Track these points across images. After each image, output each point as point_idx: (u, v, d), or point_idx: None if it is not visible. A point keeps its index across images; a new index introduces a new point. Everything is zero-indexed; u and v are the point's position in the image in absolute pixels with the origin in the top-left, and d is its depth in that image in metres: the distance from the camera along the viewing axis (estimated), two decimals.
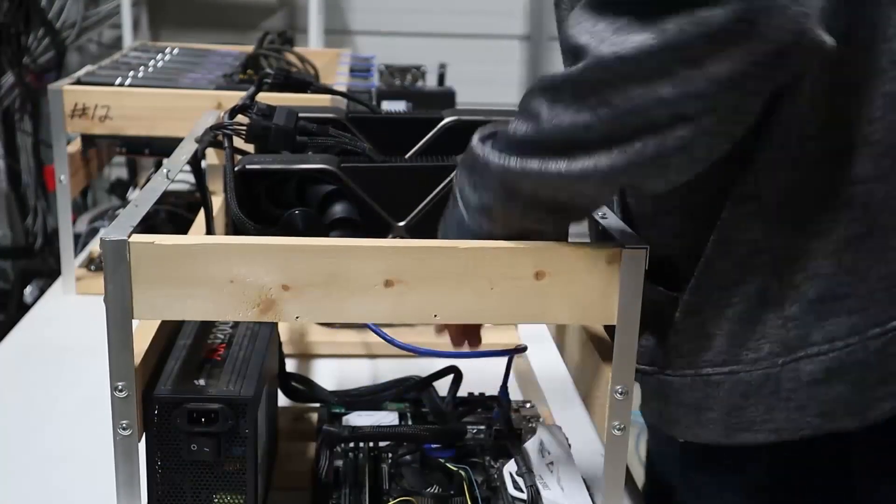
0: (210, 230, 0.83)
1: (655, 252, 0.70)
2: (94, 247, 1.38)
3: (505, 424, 0.82)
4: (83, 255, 1.34)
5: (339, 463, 0.79)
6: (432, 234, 0.69)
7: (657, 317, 0.78)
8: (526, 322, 0.77)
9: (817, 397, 0.73)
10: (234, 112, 0.80)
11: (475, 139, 0.67)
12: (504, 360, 0.87)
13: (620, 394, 0.68)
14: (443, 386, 0.87)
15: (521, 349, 0.87)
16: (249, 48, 1.53)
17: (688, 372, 0.78)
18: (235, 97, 1.08)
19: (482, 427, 0.85)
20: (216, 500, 0.67)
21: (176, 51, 1.45)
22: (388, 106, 1.72)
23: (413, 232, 0.73)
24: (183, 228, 0.93)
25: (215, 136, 0.77)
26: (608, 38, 0.58)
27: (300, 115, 0.81)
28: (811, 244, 0.72)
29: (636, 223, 0.77)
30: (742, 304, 0.74)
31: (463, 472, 0.77)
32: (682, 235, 0.76)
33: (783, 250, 0.72)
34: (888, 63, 0.69)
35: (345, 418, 0.86)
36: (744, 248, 0.73)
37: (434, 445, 0.80)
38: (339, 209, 0.72)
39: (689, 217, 0.75)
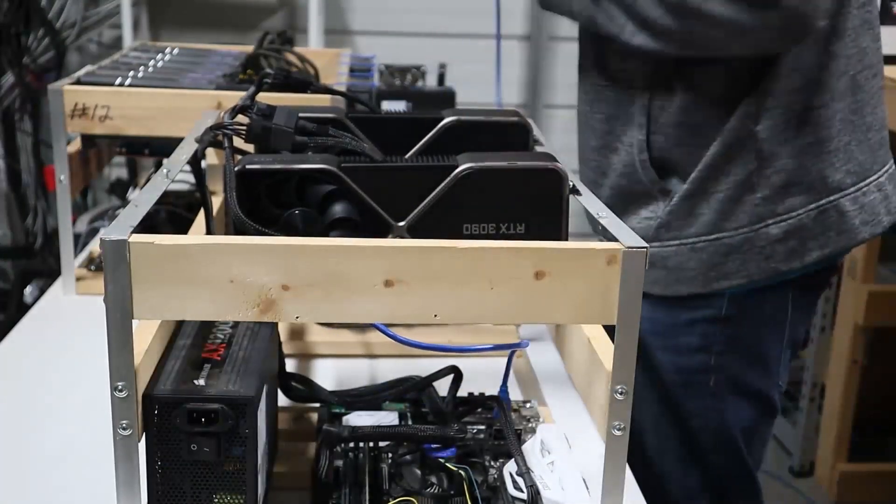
0: (210, 230, 0.83)
1: (664, 157, 1.12)
2: (94, 247, 1.37)
3: (505, 424, 0.82)
4: (83, 255, 1.34)
5: (339, 463, 0.79)
6: (432, 234, 0.69)
7: (647, 204, 1.15)
8: (526, 322, 0.77)
9: (779, 250, 1.10)
10: (234, 112, 0.80)
11: None
12: (504, 360, 0.87)
13: (620, 394, 0.68)
14: (443, 386, 0.87)
15: (522, 344, 0.87)
16: (249, 48, 1.53)
17: (673, 242, 1.12)
18: (235, 97, 1.08)
19: (482, 427, 0.85)
20: (216, 500, 0.67)
21: (176, 51, 1.45)
22: (388, 106, 1.71)
23: (413, 232, 0.73)
24: (183, 228, 0.93)
25: (215, 136, 0.77)
26: None
27: (300, 115, 0.81)
28: (780, 148, 1.08)
29: (662, 148, 1.12)
30: (729, 190, 1.09)
31: (463, 472, 0.77)
32: (699, 146, 1.10)
33: (761, 152, 1.08)
34: (857, 6, 1.07)
35: (345, 418, 0.86)
36: (738, 150, 1.08)
37: (434, 445, 0.80)
38: (339, 209, 0.72)
39: (705, 130, 1.09)
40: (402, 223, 0.73)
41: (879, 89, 1.15)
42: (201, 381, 0.68)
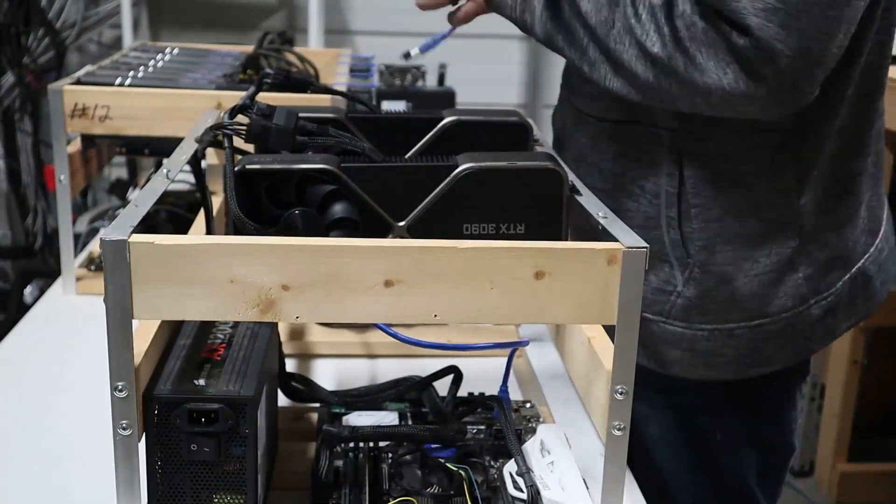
0: (210, 230, 0.83)
1: (688, 221, 0.95)
2: (94, 247, 1.37)
3: (505, 424, 0.82)
4: (83, 255, 1.34)
5: (339, 463, 0.79)
6: (432, 234, 0.69)
7: (659, 269, 0.98)
8: (526, 322, 0.77)
9: (817, 330, 0.99)
10: (234, 112, 0.80)
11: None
12: (504, 360, 0.87)
13: (620, 394, 0.68)
14: (443, 386, 0.87)
15: (522, 343, 0.87)
16: (249, 48, 1.53)
17: (706, 327, 0.98)
18: (235, 97, 1.08)
19: (482, 427, 0.85)
20: (216, 500, 0.67)
21: (176, 51, 1.45)
22: (388, 106, 1.71)
23: (413, 232, 0.73)
24: (183, 228, 0.93)
25: (215, 136, 0.77)
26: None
27: (300, 115, 0.81)
28: (823, 221, 0.95)
29: (686, 211, 0.96)
30: (773, 272, 0.95)
31: (463, 472, 0.77)
32: (733, 215, 0.94)
33: (803, 227, 0.95)
34: (878, 84, 0.95)
35: (345, 418, 0.86)
36: (780, 227, 0.94)
37: (434, 445, 0.80)
38: (339, 209, 0.72)
39: (739, 200, 0.94)
40: (402, 223, 0.73)
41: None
42: (201, 381, 0.68)
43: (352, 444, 0.81)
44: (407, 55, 1.10)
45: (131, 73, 1.26)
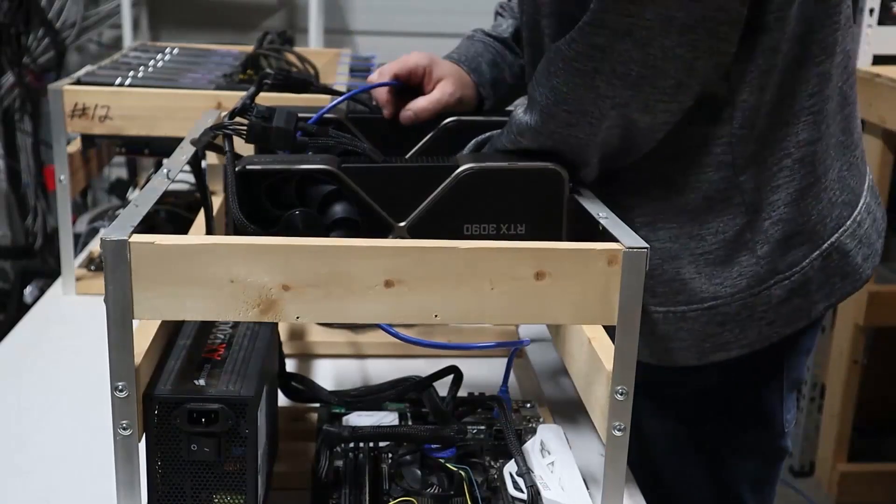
0: (210, 230, 0.83)
1: (636, 210, 0.91)
2: (94, 247, 1.37)
3: (505, 424, 0.82)
4: (83, 255, 1.34)
5: (339, 463, 0.79)
6: (432, 234, 0.69)
7: None
8: (526, 322, 0.77)
9: (782, 312, 0.93)
10: (233, 114, 0.80)
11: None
12: (504, 360, 0.87)
13: (620, 394, 0.68)
14: (443, 386, 0.87)
15: (523, 343, 0.87)
16: (249, 48, 1.53)
17: (660, 309, 0.93)
18: (235, 97, 1.08)
19: (482, 427, 0.85)
20: (216, 500, 0.67)
21: (176, 51, 1.45)
22: None
23: (413, 232, 0.73)
24: (183, 228, 0.93)
25: (215, 137, 0.77)
26: None
27: (300, 115, 0.81)
28: (774, 195, 0.90)
29: (635, 205, 0.92)
30: (719, 250, 0.90)
31: (463, 472, 0.77)
32: (672, 200, 0.91)
33: (752, 204, 0.89)
34: (818, 49, 0.87)
35: (345, 418, 0.86)
36: (720, 204, 0.89)
37: (434, 445, 0.80)
38: (339, 209, 0.72)
39: (675, 183, 0.90)
40: (402, 223, 0.73)
41: (856, 92, 0.96)
42: (201, 381, 0.68)
43: (352, 444, 0.81)
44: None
45: (131, 73, 1.26)
